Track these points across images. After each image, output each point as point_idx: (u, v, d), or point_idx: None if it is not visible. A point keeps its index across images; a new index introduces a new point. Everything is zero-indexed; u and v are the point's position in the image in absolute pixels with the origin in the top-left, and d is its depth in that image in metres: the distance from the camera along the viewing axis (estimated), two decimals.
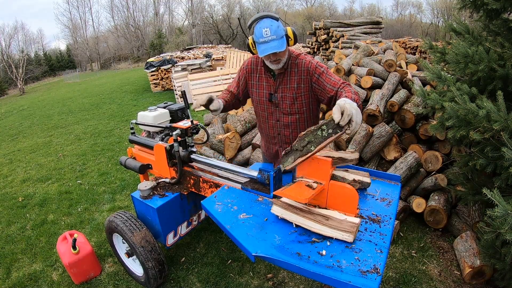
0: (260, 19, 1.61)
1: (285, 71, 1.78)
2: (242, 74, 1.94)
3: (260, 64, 1.86)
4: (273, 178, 1.60)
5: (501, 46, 1.99)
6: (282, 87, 1.81)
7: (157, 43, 34.87)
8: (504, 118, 1.70)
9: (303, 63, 1.75)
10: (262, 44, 1.59)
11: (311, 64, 1.74)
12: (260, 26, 1.58)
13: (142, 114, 2.49)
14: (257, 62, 1.88)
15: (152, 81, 11.59)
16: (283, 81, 1.80)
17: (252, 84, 1.92)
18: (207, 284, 2.29)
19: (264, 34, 1.56)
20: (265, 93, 1.86)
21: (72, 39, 40.74)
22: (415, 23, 39.07)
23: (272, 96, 1.84)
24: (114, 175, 4.37)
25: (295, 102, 1.82)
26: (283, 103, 1.84)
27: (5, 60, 24.74)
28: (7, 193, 4.16)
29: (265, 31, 1.56)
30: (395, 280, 2.24)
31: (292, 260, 1.19)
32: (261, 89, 1.88)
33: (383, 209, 1.49)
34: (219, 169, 1.99)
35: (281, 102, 1.84)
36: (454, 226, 2.63)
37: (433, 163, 2.96)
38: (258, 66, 1.87)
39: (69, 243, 2.33)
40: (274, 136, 1.98)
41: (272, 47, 1.57)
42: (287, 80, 1.79)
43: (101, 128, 7.19)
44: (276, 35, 1.57)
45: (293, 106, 1.83)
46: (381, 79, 3.67)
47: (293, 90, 1.79)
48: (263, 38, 1.57)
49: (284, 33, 1.63)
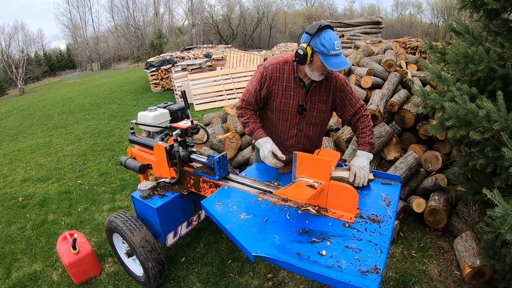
0: (327, 27, 1.54)
1: (319, 83, 1.74)
2: (264, 82, 1.76)
3: (288, 72, 1.74)
4: (216, 163, 1.85)
5: (501, 46, 1.99)
6: (312, 99, 1.77)
7: (157, 43, 34.88)
8: (504, 118, 1.70)
9: (332, 77, 1.76)
10: (334, 57, 1.52)
11: (339, 80, 1.77)
12: (330, 37, 1.51)
13: (142, 114, 2.49)
14: (283, 70, 1.74)
15: (152, 81, 11.59)
16: (314, 92, 1.76)
17: (276, 92, 1.78)
18: (207, 284, 2.29)
19: (336, 46, 1.50)
20: (293, 103, 1.78)
21: (72, 39, 40.76)
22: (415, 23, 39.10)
23: (302, 108, 1.78)
24: (114, 175, 4.37)
25: (322, 115, 1.83)
26: (310, 114, 1.81)
27: (5, 60, 24.76)
28: (7, 193, 4.16)
29: (336, 44, 1.51)
30: (395, 280, 2.24)
31: (292, 260, 1.19)
32: (287, 99, 1.77)
33: (383, 209, 1.49)
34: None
35: (308, 113, 1.80)
36: (454, 226, 2.62)
37: (433, 163, 2.96)
38: (285, 74, 1.74)
39: (69, 243, 2.32)
40: (292, 145, 1.92)
41: (344, 62, 1.53)
42: (318, 93, 1.77)
43: (101, 128, 7.19)
44: (340, 50, 1.54)
45: (319, 117, 1.83)
46: (381, 79, 3.67)
47: (322, 103, 1.79)
48: (335, 51, 1.50)
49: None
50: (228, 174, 1.96)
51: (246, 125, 1.85)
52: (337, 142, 3.11)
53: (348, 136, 3.05)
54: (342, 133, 3.09)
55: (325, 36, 1.51)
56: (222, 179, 1.92)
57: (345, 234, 1.33)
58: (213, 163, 1.87)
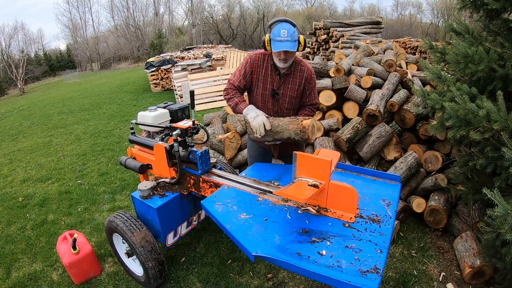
0: (281, 21, 1.86)
1: (290, 72, 2.01)
2: (249, 67, 2.06)
3: (267, 61, 2.03)
4: (199, 157, 1.97)
5: (501, 46, 1.99)
6: (284, 86, 2.04)
7: (157, 43, 34.84)
8: (504, 118, 1.70)
9: (305, 69, 2.03)
10: (278, 42, 1.82)
11: (311, 74, 2.05)
12: (280, 27, 1.82)
13: (142, 114, 2.49)
14: (264, 59, 2.03)
15: (152, 81, 11.58)
16: (285, 81, 2.03)
17: (257, 78, 2.07)
18: (207, 284, 2.29)
19: (281, 34, 1.80)
20: (269, 88, 2.05)
21: (72, 39, 40.69)
22: (415, 23, 39.07)
23: (275, 92, 2.05)
24: (114, 175, 4.37)
25: (293, 101, 2.09)
26: (283, 100, 2.08)
27: (5, 60, 24.72)
28: (7, 193, 4.16)
29: (283, 32, 1.80)
30: (395, 280, 2.24)
31: (292, 260, 1.19)
32: (265, 84, 2.06)
33: (383, 209, 1.49)
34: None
35: (281, 98, 2.07)
36: (454, 226, 2.62)
37: (433, 163, 2.96)
38: (265, 63, 2.03)
39: (69, 243, 2.32)
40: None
41: (286, 46, 1.80)
42: (290, 81, 2.03)
43: (101, 128, 7.19)
44: (291, 37, 1.81)
45: (290, 103, 2.09)
46: (381, 79, 3.67)
47: (294, 90, 2.06)
48: (280, 37, 1.80)
49: (298, 38, 1.86)
50: (211, 169, 2.08)
51: (231, 99, 2.07)
52: (337, 142, 3.11)
53: (348, 136, 3.05)
54: (342, 133, 3.09)
55: (276, 26, 1.84)
56: (205, 174, 2.03)
57: (345, 234, 1.33)
58: (196, 158, 1.98)
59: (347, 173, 1.90)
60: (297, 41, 1.85)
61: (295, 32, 1.84)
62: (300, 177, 1.53)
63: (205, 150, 2.02)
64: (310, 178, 1.49)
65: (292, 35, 1.82)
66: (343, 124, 3.43)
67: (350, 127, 3.13)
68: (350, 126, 3.15)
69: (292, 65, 1.99)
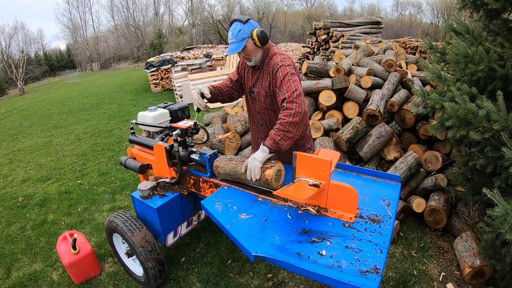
0: (231, 23, 1.80)
1: (260, 69, 1.90)
2: (240, 64, 2.08)
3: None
4: (208, 160, 1.93)
5: (501, 46, 1.99)
6: (258, 83, 1.94)
7: (157, 43, 34.83)
8: (504, 118, 1.70)
9: (272, 63, 1.81)
10: (230, 45, 1.79)
11: (276, 66, 1.77)
12: (229, 30, 1.79)
13: (142, 114, 2.48)
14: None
15: (152, 81, 11.58)
16: (258, 78, 1.92)
17: (243, 75, 2.06)
18: (207, 284, 2.29)
19: (229, 36, 1.76)
20: (248, 85, 2.01)
21: (72, 39, 40.69)
22: (415, 23, 39.08)
23: (251, 90, 1.99)
24: (114, 175, 4.37)
25: (266, 100, 1.92)
26: (259, 98, 1.96)
27: (5, 60, 24.70)
28: (7, 193, 4.16)
29: (229, 35, 1.76)
30: (395, 280, 2.24)
31: (292, 260, 1.19)
32: (248, 81, 2.02)
33: (383, 209, 1.49)
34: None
35: (257, 97, 1.97)
36: (454, 226, 2.62)
37: (433, 163, 2.96)
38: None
39: (69, 243, 2.32)
40: (258, 127, 2.11)
41: (230, 49, 1.76)
42: (261, 78, 1.91)
43: (101, 128, 7.19)
44: (236, 38, 1.73)
45: (266, 102, 1.94)
46: (381, 79, 3.67)
47: (265, 88, 1.89)
48: (229, 40, 1.77)
49: (247, 36, 1.73)
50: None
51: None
52: (337, 142, 3.11)
53: (348, 136, 3.05)
54: (342, 133, 3.09)
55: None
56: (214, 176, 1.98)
57: (345, 234, 1.33)
58: (205, 160, 1.96)
59: (347, 173, 1.90)
60: (245, 39, 1.73)
61: (241, 31, 1.72)
62: (300, 177, 1.53)
63: (214, 153, 1.98)
64: (310, 178, 1.49)
65: (237, 36, 1.72)
66: (343, 124, 3.43)
67: (350, 127, 3.13)
68: (350, 126, 3.15)
69: (263, 60, 1.86)
